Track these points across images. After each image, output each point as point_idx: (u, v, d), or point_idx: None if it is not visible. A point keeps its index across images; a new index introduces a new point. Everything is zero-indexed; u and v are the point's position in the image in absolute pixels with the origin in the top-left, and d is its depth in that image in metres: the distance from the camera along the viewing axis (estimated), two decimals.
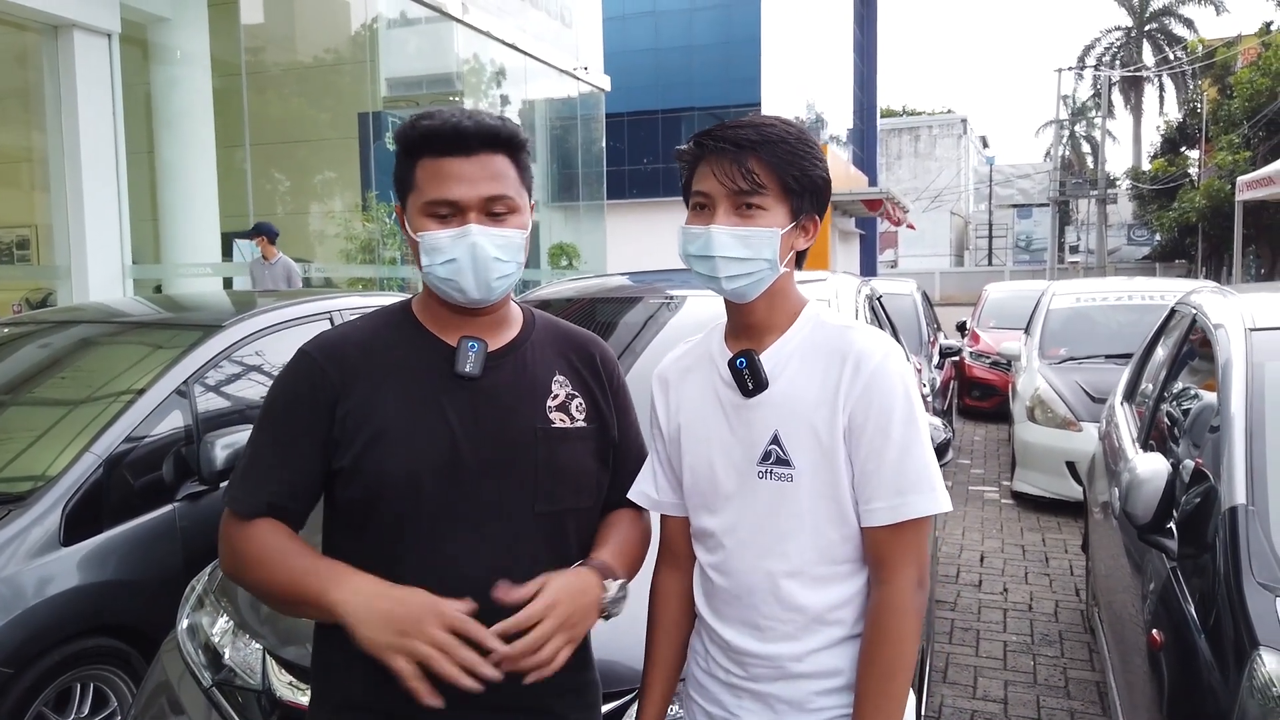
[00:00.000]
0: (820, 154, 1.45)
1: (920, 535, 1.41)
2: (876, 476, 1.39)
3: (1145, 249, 45.47)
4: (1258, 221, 23.88)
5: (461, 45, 13.96)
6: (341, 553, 1.42)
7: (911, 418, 1.39)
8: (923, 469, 1.39)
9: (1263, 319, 2.89)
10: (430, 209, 1.42)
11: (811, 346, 1.45)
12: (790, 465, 1.42)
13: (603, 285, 4.16)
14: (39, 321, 4.28)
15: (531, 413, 1.49)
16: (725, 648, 1.50)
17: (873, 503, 1.39)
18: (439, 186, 1.41)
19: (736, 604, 1.49)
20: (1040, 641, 4.51)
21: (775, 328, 1.48)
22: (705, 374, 1.54)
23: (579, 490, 1.52)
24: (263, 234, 8.27)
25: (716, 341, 1.55)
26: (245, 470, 1.48)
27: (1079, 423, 6.75)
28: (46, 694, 2.81)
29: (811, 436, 1.41)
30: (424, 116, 1.44)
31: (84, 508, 3.00)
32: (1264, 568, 2.01)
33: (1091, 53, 49.25)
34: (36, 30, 7.82)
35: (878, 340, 1.43)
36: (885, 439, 1.38)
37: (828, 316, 1.50)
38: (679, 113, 28.68)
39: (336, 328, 1.57)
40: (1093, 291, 8.75)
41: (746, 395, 1.45)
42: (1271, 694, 1.74)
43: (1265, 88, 25.20)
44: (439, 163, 1.42)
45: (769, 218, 1.41)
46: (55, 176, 7.98)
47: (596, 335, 1.69)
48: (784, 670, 1.45)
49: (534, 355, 1.54)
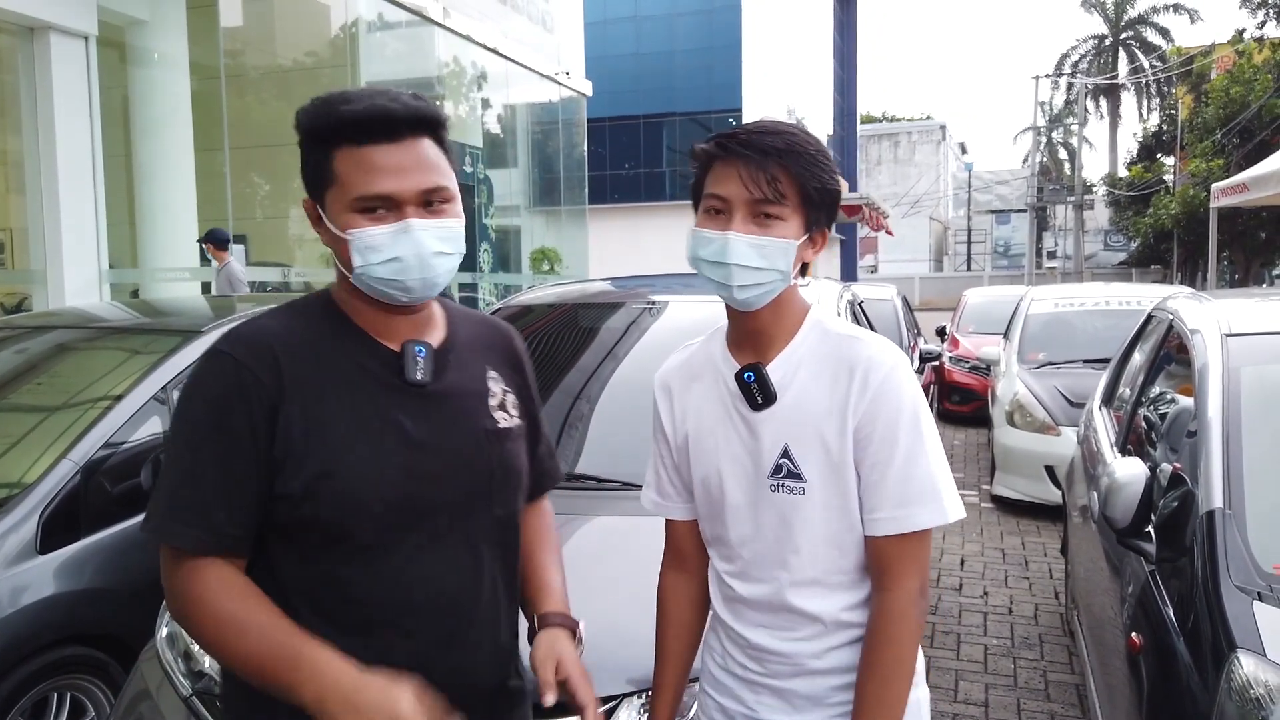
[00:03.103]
0: (835, 166, 1.44)
1: (923, 545, 1.42)
2: (880, 487, 1.39)
3: (1121, 255, 45.89)
4: (1231, 228, 24.15)
5: (442, 49, 13.92)
6: (282, 573, 1.32)
7: (918, 428, 1.39)
8: (928, 479, 1.39)
9: (1238, 324, 2.92)
10: (361, 204, 1.27)
11: (819, 356, 1.44)
12: (801, 478, 1.42)
13: (584, 290, 4.16)
14: (14, 327, 4.23)
15: (480, 414, 1.43)
16: (744, 645, 1.52)
17: (876, 512, 1.40)
18: (369, 179, 1.26)
19: (755, 608, 1.50)
20: (1020, 645, 4.54)
21: (779, 336, 1.46)
22: (712, 383, 1.51)
23: (520, 490, 1.50)
24: (211, 240, 8.15)
25: (719, 348, 1.52)
26: (177, 494, 1.27)
27: (1058, 427, 6.80)
28: (23, 704, 2.77)
29: (821, 449, 1.41)
30: (336, 99, 1.29)
31: (61, 515, 2.97)
32: (1241, 571, 2.03)
33: (1068, 61, 49.71)
34: (11, 32, 7.73)
35: (886, 350, 1.42)
36: (891, 449, 1.38)
37: (832, 324, 1.48)
38: (660, 118, 28.75)
39: (257, 321, 1.37)
40: (1071, 297, 8.83)
41: (755, 409, 1.44)
42: (1249, 696, 1.76)
43: (1239, 95, 25.51)
44: (363, 152, 1.26)
45: (785, 228, 1.38)
46: (31, 180, 7.89)
47: (508, 323, 1.64)
48: (803, 667, 1.47)
49: (467, 353, 1.46)
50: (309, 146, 1.32)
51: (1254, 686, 1.77)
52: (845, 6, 37.83)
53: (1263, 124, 24.51)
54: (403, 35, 13.54)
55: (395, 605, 1.32)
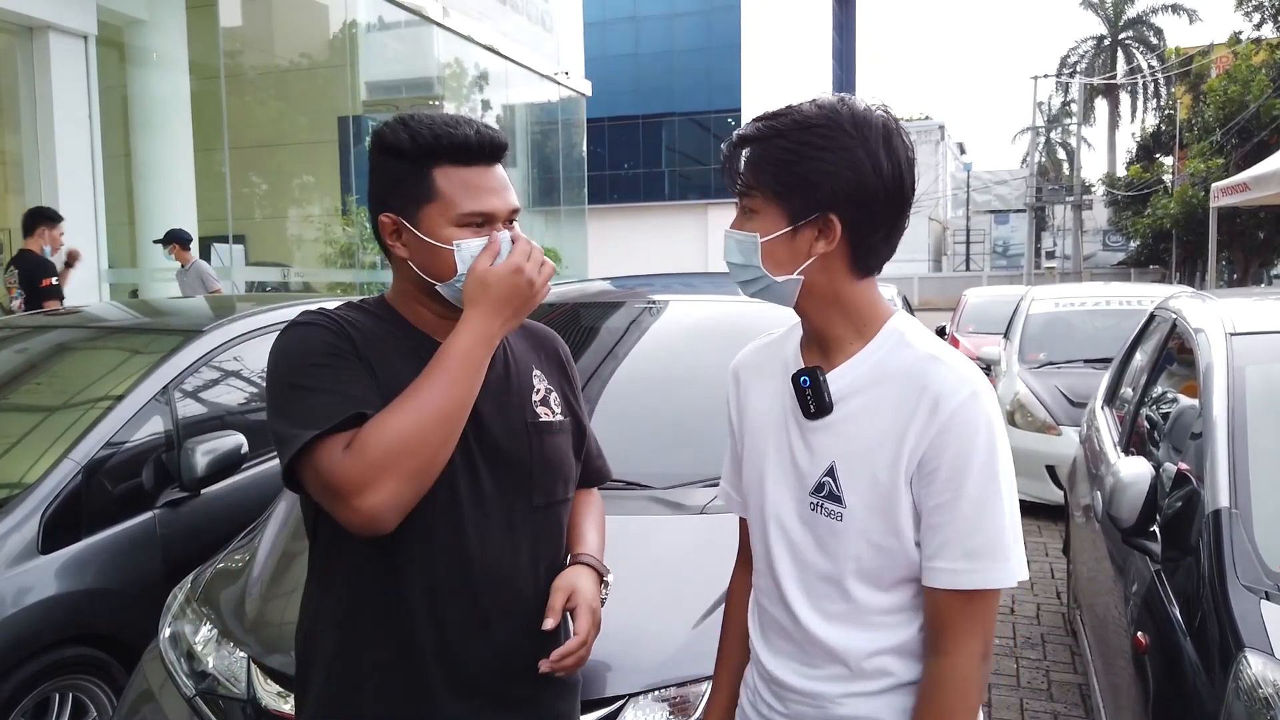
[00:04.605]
0: (844, 141, 1.23)
1: (989, 605, 1.25)
2: (942, 533, 1.22)
3: (1120, 255, 45.92)
4: (1230, 228, 24.17)
5: (441, 49, 13.92)
6: (337, 549, 1.42)
7: (994, 470, 1.21)
8: (999, 533, 1.21)
9: (1242, 324, 2.92)
10: (466, 219, 1.39)
11: (888, 371, 1.27)
12: (841, 503, 1.28)
13: (584, 290, 4.16)
14: (14, 327, 4.22)
15: (522, 407, 1.51)
16: (769, 681, 1.41)
17: (935, 561, 1.23)
18: (475, 198, 1.39)
19: (782, 636, 1.39)
20: (1023, 644, 4.54)
21: (847, 341, 1.31)
22: (776, 380, 1.40)
23: (566, 482, 1.58)
24: (175, 241, 8.06)
25: (793, 345, 1.40)
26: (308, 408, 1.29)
27: (1058, 427, 6.80)
28: (25, 704, 2.76)
29: (869, 474, 1.26)
30: (430, 122, 1.39)
31: (63, 515, 2.96)
32: (1248, 570, 2.03)
33: (1067, 61, 49.75)
34: (11, 32, 7.73)
35: (966, 374, 1.24)
36: (958, 493, 1.21)
37: (914, 337, 1.30)
38: (659, 118, 28.80)
39: (324, 309, 1.44)
40: (1071, 296, 8.82)
41: (809, 417, 1.31)
42: (1257, 696, 1.76)
43: (1236, 96, 25.54)
44: (467, 172, 1.39)
45: (759, 221, 1.28)
46: (30, 179, 7.90)
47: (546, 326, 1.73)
48: (824, 711, 1.34)
49: (515, 351, 1.56)
50: (400, 161, 1.39)
51: (1262, 686, 1.76)
52: (844, 6, 37.87)
53: (1261, 124, 24.54)
54: (402, 35, 13.55)
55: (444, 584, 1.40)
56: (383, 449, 1.25)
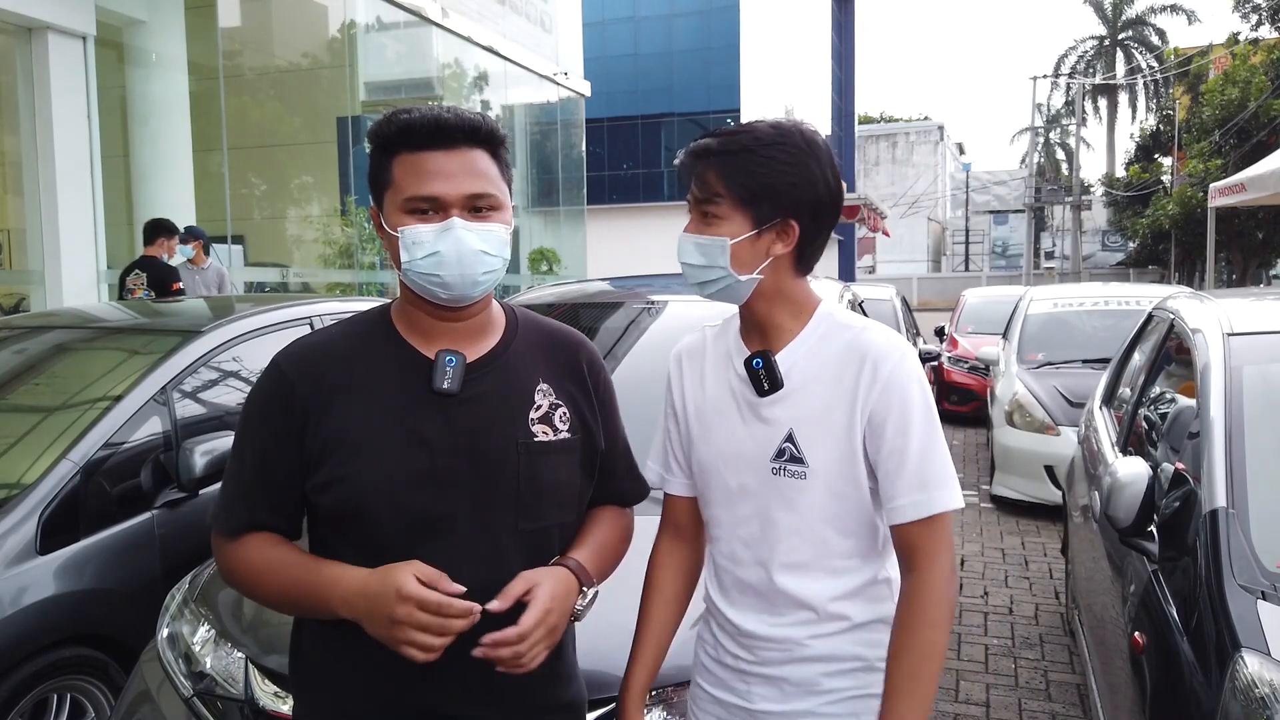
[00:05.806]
0: (800, 158, 1.42)
1: (947, 526, 1.44)
2: (900, 474, 1.41)
3: (1119, 255, 45.95)
4: (1228, 228, 24.19)
5: (440, 50, 13.91)
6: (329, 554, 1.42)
7: (930, 414, 1.43)
8: (944, 465, 1.43)
9: (1240, 324, 2.92)
10: (411, 205, 1.36)
11: (827, 346, 1.48)
12: (804, 463, 1.45)
13: (583, 290, 4.16)
14: (13, 327, 4.22)
15: (512, 426, 1.43)
16: (735, 633, 1.54)
17: (898, 499, 1.42)
18: (419, 182, 1.36)
19: (747, 593, 1.53)
20: (1021, 645, 4.54)
21: (786, 328, 1.50)
22: (722, 366, 1.56)
23: (562, 505, 1.49)
24: (197, 238, 7.90)
25: (734, 334, 1.57)
26: (226, 489, 1.47)
27: (1057, 427, 6.80)
28: (23, 705, 2.76)
29: (828, 436, 1.44)
30: (400, 111, 1.39)
31: (61, 515, 2.96)
32: (1245, 570, 2.03)
33: (1066, 61, 49.75)
34: (9, 32, 7.72)
35: (894, 340, 1.46)
36: (907, 438, 1.41)
37: (842, 316, 1.52)
38: (659, 118, 28.78)
39: (312, 335, 1.52)
40: (1070, 297, 8.83)
41: (761, 395, 1.48)
42: (1254, 695, 1.76)
43: (1234, 97, 25.54)
44: (418, 157, 1.36)
45: (725, 226, 1.43)
46: (29, 180, 7.87)
47: (583, 336, 1.64)
48: (792, 653, 1.50)
49: (516, 364, 1.48)
50: (374, 154, 1.42)
51: (1258, 686, 1.77)
52: (843, 7, 37.85)
53: (1260, 125, 24.54)
54: (401, 36, 13.53)
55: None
56: (233, 581, 1.47)
